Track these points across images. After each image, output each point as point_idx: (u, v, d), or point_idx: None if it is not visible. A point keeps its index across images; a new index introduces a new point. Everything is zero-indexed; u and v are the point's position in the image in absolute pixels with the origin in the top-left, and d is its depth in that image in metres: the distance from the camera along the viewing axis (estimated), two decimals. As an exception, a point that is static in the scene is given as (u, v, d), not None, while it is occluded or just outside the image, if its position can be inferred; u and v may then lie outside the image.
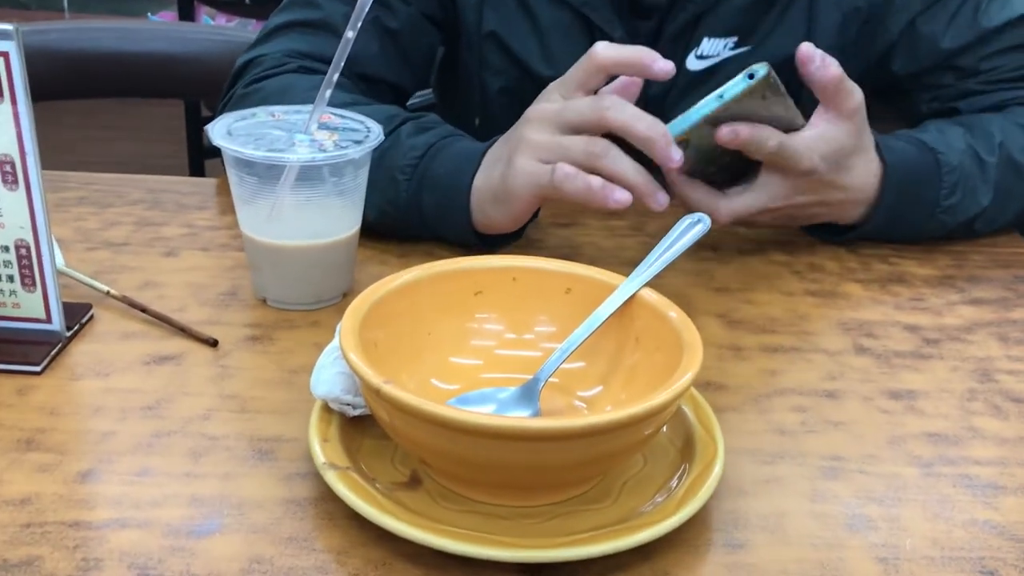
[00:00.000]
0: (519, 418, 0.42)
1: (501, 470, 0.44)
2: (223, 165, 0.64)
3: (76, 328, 0.61)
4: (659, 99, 0.83)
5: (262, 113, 0.67)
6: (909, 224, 0.77)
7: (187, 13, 2.56)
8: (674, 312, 0.50)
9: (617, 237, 0.81)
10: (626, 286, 0.53)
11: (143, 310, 0.63)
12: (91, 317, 0.63)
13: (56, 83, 1.58)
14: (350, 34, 0.62)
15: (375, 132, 0.65)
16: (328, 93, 0.63)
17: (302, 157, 0.60)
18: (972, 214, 0.78)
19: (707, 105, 0.64)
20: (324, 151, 0.61)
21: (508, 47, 0.86)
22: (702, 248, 0.75)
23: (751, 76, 0.63)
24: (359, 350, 0.46)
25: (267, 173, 0.62)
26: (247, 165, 0.62)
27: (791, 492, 0.51)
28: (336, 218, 0.65)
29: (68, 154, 3.15)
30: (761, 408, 0.58)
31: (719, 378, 0.61)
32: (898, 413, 0.58)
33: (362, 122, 0.67)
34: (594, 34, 0.83)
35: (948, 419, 0.58)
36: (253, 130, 0.64)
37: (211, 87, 0.96)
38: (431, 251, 0.76)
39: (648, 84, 0.69)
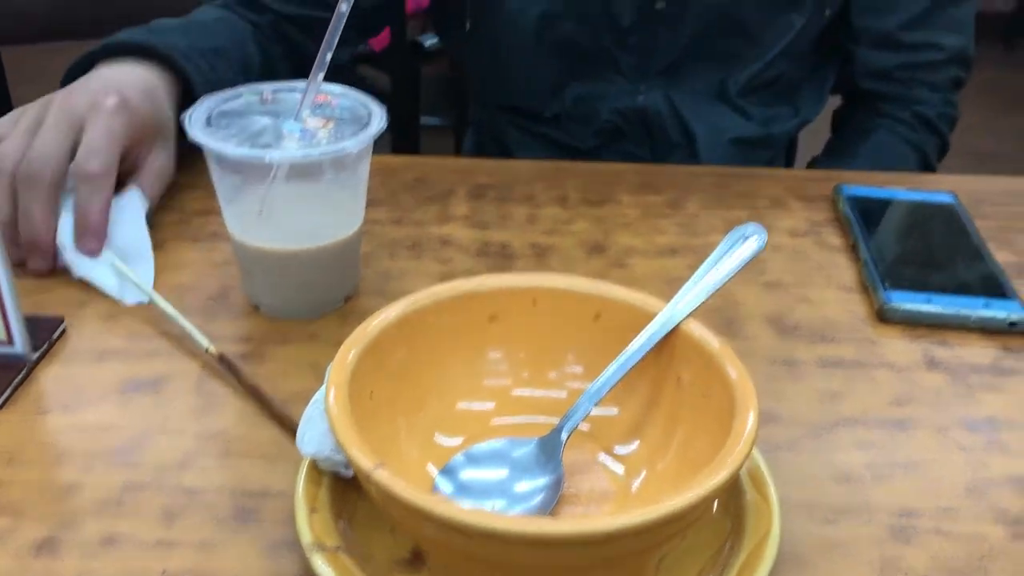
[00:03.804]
0: (533, 520, 0.34)
1: (513, 570, 0.37)
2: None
3: (45, 348, 0.55)
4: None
5: (249, 94, 0.59)
6: None
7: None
8: (733, 371, 0.41)
9: (652, 218, 0.72)
10: (666, 314, 0.45)
11: (239, 379, 0.52)
12: (63, 332, 0.56)
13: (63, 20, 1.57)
14: (344, 7, 0.53)
15: (378, 116, 0.56)
16: (321, 76, 0.55)
17: (287, 155, 0.52)
18: None
19: None
20: (316, 143, 0.53)
21: None
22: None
23: None
24: (346, 414, 0.38)
25: (252, 171, 0.54)
26: (229, 162, 0.54)
27: (857, 563, 0.43)
28: (336, 215, 0.57)
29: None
30: (820, 446, 0.50)
31: (771, 405, 0.53)
32: (977, 450, 0.51)
33: (364, 103, 0.58)
34: None
35: (1037, 457, 0.50)
36: (237, 118, 0.56)
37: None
38: (446, 239, 0.68)
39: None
